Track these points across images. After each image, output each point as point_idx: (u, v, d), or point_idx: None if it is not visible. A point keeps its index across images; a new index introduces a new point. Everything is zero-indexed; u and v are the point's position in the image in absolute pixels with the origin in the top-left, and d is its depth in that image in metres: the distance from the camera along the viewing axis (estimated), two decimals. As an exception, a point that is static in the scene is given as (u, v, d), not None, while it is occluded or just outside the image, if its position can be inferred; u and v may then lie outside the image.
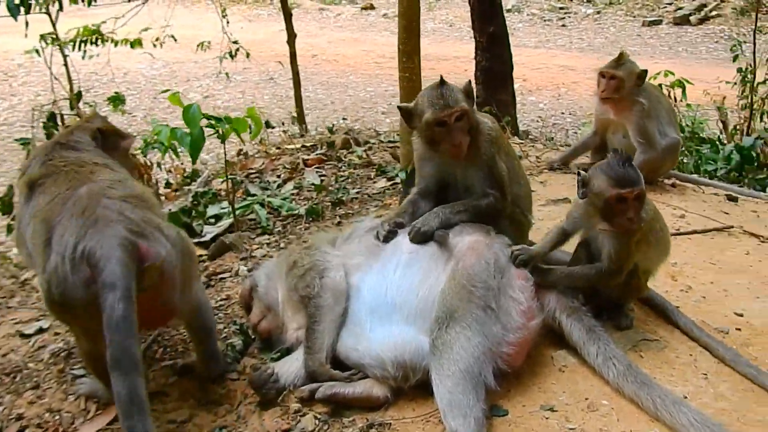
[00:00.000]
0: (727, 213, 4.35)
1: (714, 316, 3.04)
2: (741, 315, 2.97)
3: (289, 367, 2.74)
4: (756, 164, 6.67)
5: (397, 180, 4.86)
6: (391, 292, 2.73)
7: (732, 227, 3.91)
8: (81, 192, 2.49)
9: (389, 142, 6.13)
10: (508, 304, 2.65)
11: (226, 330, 3.18)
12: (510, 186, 3.10)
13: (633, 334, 2.82)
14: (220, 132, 4.07)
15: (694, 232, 3.89)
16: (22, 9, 4.99)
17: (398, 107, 3.20)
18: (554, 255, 3.03)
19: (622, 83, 4.59)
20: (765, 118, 8.24)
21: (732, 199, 4.72)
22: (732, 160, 6.51)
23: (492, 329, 2.57)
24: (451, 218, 2.95)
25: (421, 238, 2.87)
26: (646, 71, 4.69)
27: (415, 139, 3.14)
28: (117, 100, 6.88)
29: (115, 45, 7.95)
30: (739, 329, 2.96)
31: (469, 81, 3.05)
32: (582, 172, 2.84)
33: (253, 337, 3.06)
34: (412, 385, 2.60)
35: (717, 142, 7.31)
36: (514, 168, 3.20)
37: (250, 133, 4.06)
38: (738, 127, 8.12)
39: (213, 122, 4.01)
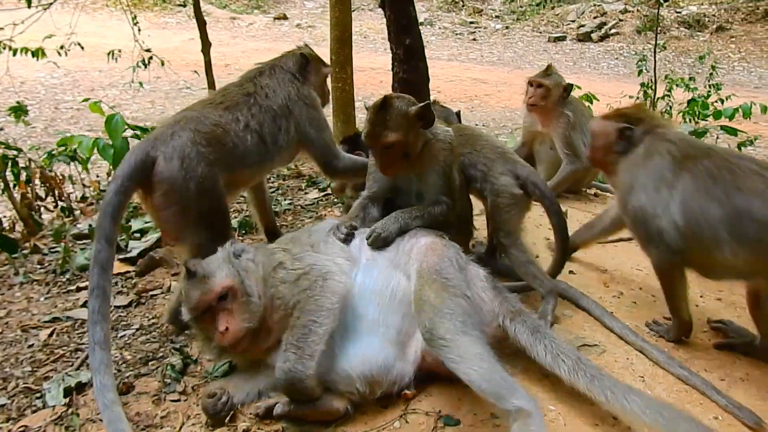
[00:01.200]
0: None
1: (646, 320, 3.19)
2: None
3: (241, 384, 2.64)
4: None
5: (329, 191, 4.81)
6: (353, 301, 2.68)
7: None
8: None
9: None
10: (476, 299, 2.68)
11: (162, 350, 3.03)
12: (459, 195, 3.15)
13: (573, 339, 2.90)
14: (146, 143, 3.89)
15: (620, 240, 4.08)
16: None
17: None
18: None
19: (548, 92, 4.76)
20: (664, 131, 8.74)
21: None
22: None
23: (475, 317, 2.59)
24: (410, 223, 2.96)
25: (381, 243, 2.86)
26: (572, 85, 4.88)
27: None
28: (19, 111, 6.47)
29: (14, 54, 7.49)
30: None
31: (428, 104, 2.97)
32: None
33: (192, 356, 2.92)
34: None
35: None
36: (460, 179, 3.25)
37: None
38: (640, 139, 8.58)
39: (138, 133, 3.83)
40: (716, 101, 8.28)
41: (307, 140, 3.50)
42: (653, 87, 9.09)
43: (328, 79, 3.75)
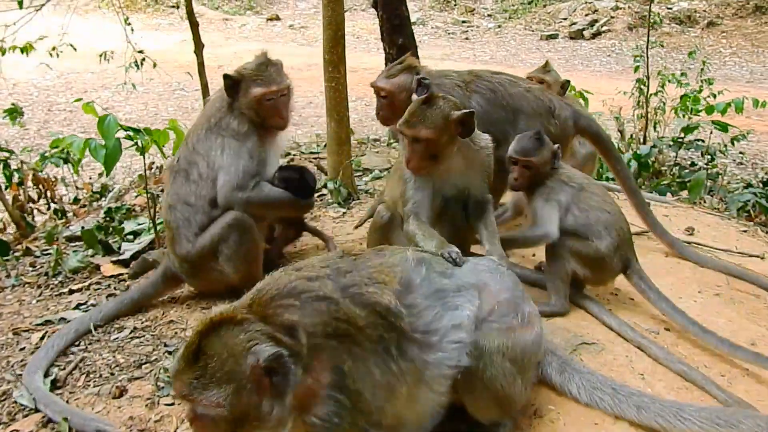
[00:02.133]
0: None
1: (643, 317, 3.17)
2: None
3: None
4: (651, 171, 7.11)
5: (324, 191, 4.78)
6: None
7: (648, 232, 4.11)
8: None
9: (311, 153, 6.04)
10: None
11: (155, 352, 2.99)
12: None
13: (572, 338, 2.88)
14: (139, 144, 3.86)
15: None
16: None
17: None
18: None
19: (548, 88, 4.73)
20: (658, 127, 8.77)
21: (643, 205, 4.95)
22: (630, 167, 6.88)
23: None
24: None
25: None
26: (569, 81, 4.87)
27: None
28: (14, 113, 6.44)
29: (3, 53, 7.44)
30: (668, 329, 3.10)
31: (471, 112, 2.90)
32: None
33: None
34: None
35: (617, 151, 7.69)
36: None
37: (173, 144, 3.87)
38: (634, 135, 8.60)
39: (132, 134, 3.79)
40: (708, 96, 8.28)
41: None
42: (647, 83, 9.09)
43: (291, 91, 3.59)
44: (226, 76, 3.45)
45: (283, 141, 3.71)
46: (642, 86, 8.86)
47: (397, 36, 7.32)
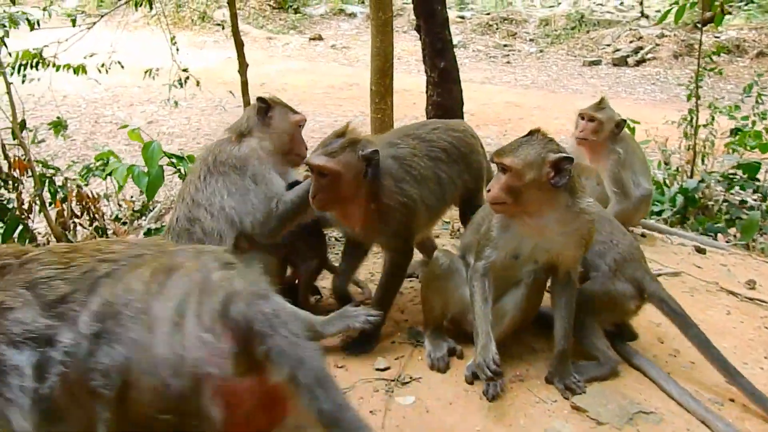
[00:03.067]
0: (699, 267, 4.36)
1: (706, 384, 2.97)
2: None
3: None
4: (697, 206, 6.85)
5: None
6: None
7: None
8: None
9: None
10: None
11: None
12: None
13: (628, 405, 2.71)
14: (182, 171, 3.81)
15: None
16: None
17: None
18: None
19: (600, 126, 4.54)
20: (706, 160, 8.49)
21: (700, 251, 4.75)
22: (676, 202, 6.65)
23: None
24: None
25: None
26: (625, 120, 4.66)
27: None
28: (59, 126, 6.52)
29: (57, 70, 7.58)
30: (733, 400, 2.90)
31: (569, 158, 2.75)
32: None
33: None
34: None
35: (663, 184, 7.47)
36: None
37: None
38: (681, 168, 8.33)
39: (174, 161, 3.75)
40: (762, 129, 7.97)
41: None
42: (696, 113, 8.82)
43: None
44: (260, 99, 3.39)
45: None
46: (692, 116, 8.60)
47: (439, 60, 7.22)
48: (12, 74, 6.25)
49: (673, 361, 3.15)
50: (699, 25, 11.31)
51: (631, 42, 19.17)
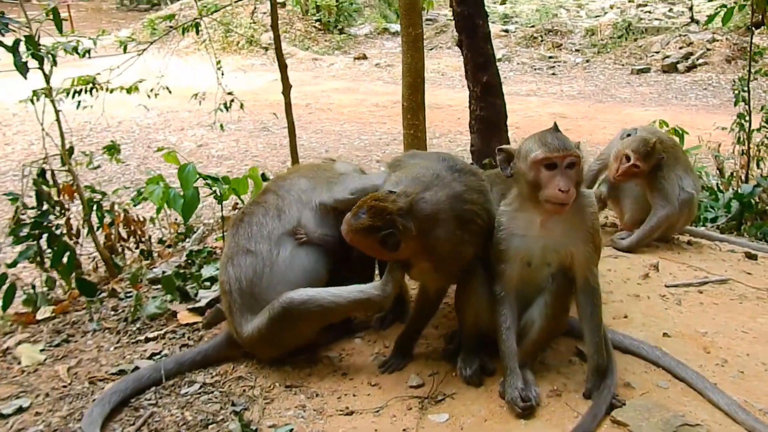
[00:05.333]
0: (749, 273, 4.17)
1: (755, 394, 2.82)
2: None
3: None
4: (754, 211, 6.57)
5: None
6: None
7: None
8: None
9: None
10: None
11: (222, 411, 2.92)
12: None
13: (672, 418, 2.58)
14: (218, 193, 3.87)
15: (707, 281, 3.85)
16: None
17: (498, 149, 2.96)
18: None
19: (641, 173, 4.43)
20: (762, 164, 8.17)
21: (751, 257, 4.54)
22: (731, 207, 6.42)
23: None
24: None
25: None
26: (663, 157, 4.47)
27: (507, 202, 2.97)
28: (112, 150, 6.72)
29: (110, 92, 7.90)
30: (783, 410, 2.73)
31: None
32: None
33: (253, 427, 2.77)
34: None
35: (716, 190, 7.23)
36: None
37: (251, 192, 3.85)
38: (735, 174, 8.04)
39: (210, 182, 3.81)
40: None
41: None
42: (749, 117, 8.50)
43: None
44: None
45: None
46: (743, 121, 8.30)
47: (482, 74, 7.20)
48: (66, 98, 6.53)
49: (720, 371, 3.00)
50: (751, 28, 10.93)
51: (680, 48, 18.69)
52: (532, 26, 21.86)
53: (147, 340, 3.64)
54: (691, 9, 21.23)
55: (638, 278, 3.92)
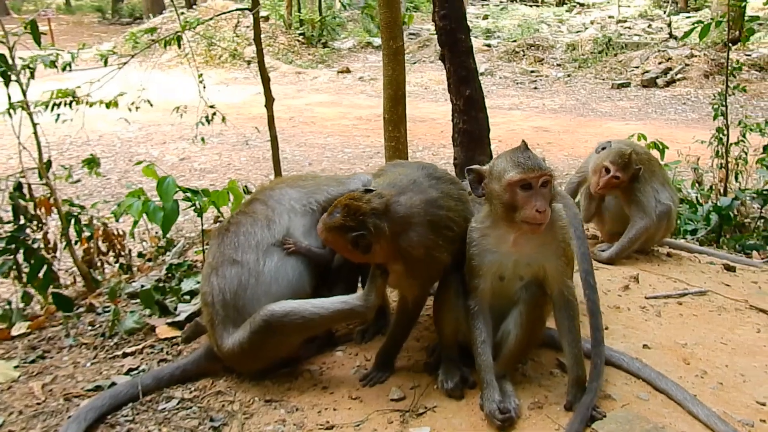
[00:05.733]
0: (728, 285, 4.21)
1: (735, 405, 2.84)
2: (763, 404, 2.77)
3: None
4: (733, 224, 6.66)
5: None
6: None
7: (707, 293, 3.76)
8: None
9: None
10: None
11: (201, 427, 2.87)
12: None
13: (652, 429, 2.58)
14: (197, 206, 3.84)
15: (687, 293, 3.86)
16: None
17: (467, 169, 2.94)
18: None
19: (621, 184, 4.49)
20: (740, 178, 8.28)
21: (730, 269, 4.59)
22: (710, 220, 6.49)
23: None
24: None
25: None
26: (640, 169, 4.54)
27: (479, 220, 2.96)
28: (92, 163, 6.64)
29: (90, 106, 7.82)
30: (764, 421, 2.75)
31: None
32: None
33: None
34: None
35: (695, 203, 7.31)
36: None
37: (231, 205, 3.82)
38: (714, 187, 8.14)
39: (189, 195, 3.78)
40: (794, 146, 7.73)
41: None
42: (727, 132, 8.63)
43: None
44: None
45: None
46: (722, 135, 8.42)
47: (465, 88, 7.23)
48: (45, 111, 6.44)
49: (700, 382, 3.01)
50: (728, 44, 11.12)
51: (660, 63, 19.00)
52: (514, 41, 22.11)
53: (124, 355, 3.58)
54: (669, 25, 21.62)
55: (618, 290, 3.94)
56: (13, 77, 5.05)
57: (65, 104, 6.69)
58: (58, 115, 6.51)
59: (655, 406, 2.79)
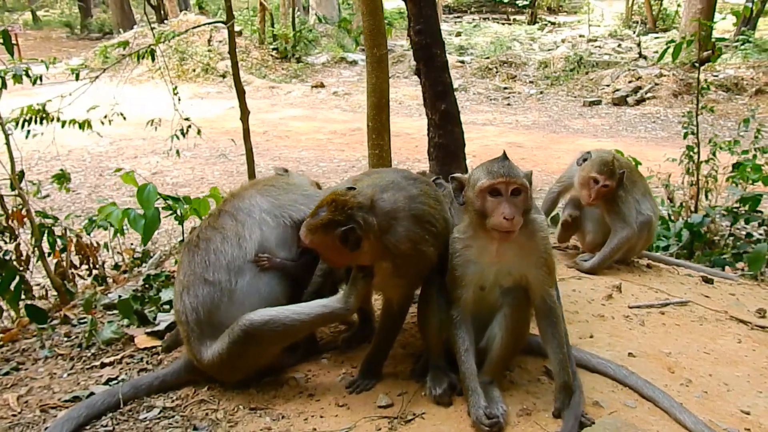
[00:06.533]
0: (707, 296, 4.27)
1: (720, 414, 2.85)
2: (747, 413, 2.80)
3: None
4: (703, 241, 6.78)
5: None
6: None
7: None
8: None
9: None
10: None
11: (184, 436, 2.80)
12: None
13: (641, 436, 2.59)
14: (178, 213, 3.78)
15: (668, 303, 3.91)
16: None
17: (451, 177, 2.97)
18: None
19: (610, 191, 4.54)
20: (710, 195, 8.44)
21: (707, 281, 4.67)
22: (682, 237, 6.59)
23: None
24: None
25: None
26: (624, 173, 4.62)
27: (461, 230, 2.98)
28: (62, 178, 6.51)
29: (63, 126, 7.67)
30: (749, 430, 2.78)
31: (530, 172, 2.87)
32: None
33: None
34: None
35: (668, 219, 7.42)
36: None
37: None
38: (684, 204, 8.28)
39: (171, 203, 3.72)
40: (765, 164, 7.93)
41: None
42: (698, 150, 8.82)
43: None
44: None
45: None
46: (692, 153, 8.60)
47: (440, 102, 7.26)
48: (15, 129, 6.28)
49: (685, 390, 3.03)
50: (696, 65, 11.38)
51: (630, 82, 19.35)
52: (487, 58, 22.37)
53: (103, 365, 3.49)
54: (639, 45, 22.08)
55: (602, 299, 3.97)
56: (-16, 88, 4.94)
57: (35, 121, 6.55)
58: (28, 131, 6.37)
59: (643, 413, 2.80)
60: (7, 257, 4.73)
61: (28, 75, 5.77)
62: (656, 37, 24.04)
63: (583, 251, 4.95)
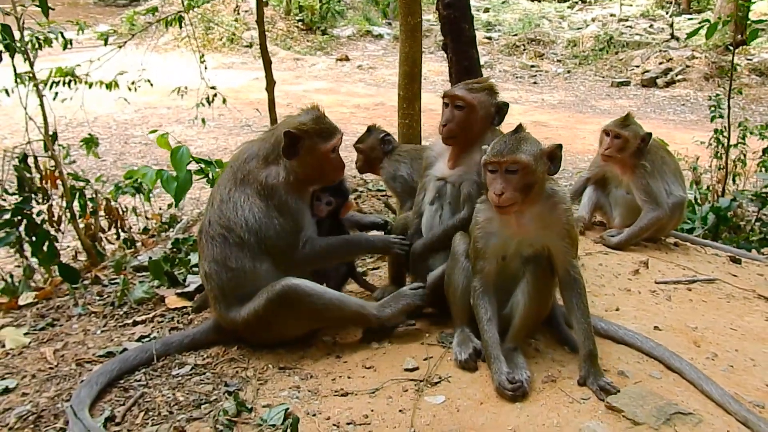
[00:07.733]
0: (735, 275, 4.25)
1: (746, 387, 2.86)
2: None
3: None
4: (730, 225, 6.71)
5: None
6: None
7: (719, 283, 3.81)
8: None
9: (378, 190, 5.94)
10: None
11: (215, 392, 2.87)
12: None
13: (665, 405, 2.60)
14: (210, 176, 3.83)
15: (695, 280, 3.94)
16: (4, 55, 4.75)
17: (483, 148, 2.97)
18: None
19: (626, 144, 4.51)
20: (738, 179, 8.33)
21: (735, 260, 4.63)
22: (707, 220, 6.53)
23: None
24: None
25: None
26: (650, 134, 4.60)
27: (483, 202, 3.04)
28: (90, 143, 6.60)
29: (90, 87, 7.76)
30: (774, 403, 2.78)
31: (559, 146, 2.87)
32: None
33: (246, 402, 2.73)
34: None
35: (693, 203, 7.35)
36: None
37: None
38: (711, 187, 8.18)
39: (203, 166, 3.77)
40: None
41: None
42: (726, 134, 8.68)
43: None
44: (288, 135, 3.20)
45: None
46: (721, 137, 8.47)
47: (467, 77, 7.25)
48: (44, 91, 6.36)
49: (711, 364, 3.04)
50: (731, 47, 11.12)
51: (660, 63, 19.01)
52: (515, 35, 22.07)
53: (135, 323, 3.58)
54: (671, 26, 21.61)
55: (629, 274, 3.97)
56: (20, 49, 5.00)
57: (64, 83, 6.63)
58: (56, 93, 6.45)
59: (668, 384, 2.82)
60: (39, 219, 4.82)
61: (63, 37, 5.82)
62: (690, 18, 23.45)
63: (610, 228, 4.92)
